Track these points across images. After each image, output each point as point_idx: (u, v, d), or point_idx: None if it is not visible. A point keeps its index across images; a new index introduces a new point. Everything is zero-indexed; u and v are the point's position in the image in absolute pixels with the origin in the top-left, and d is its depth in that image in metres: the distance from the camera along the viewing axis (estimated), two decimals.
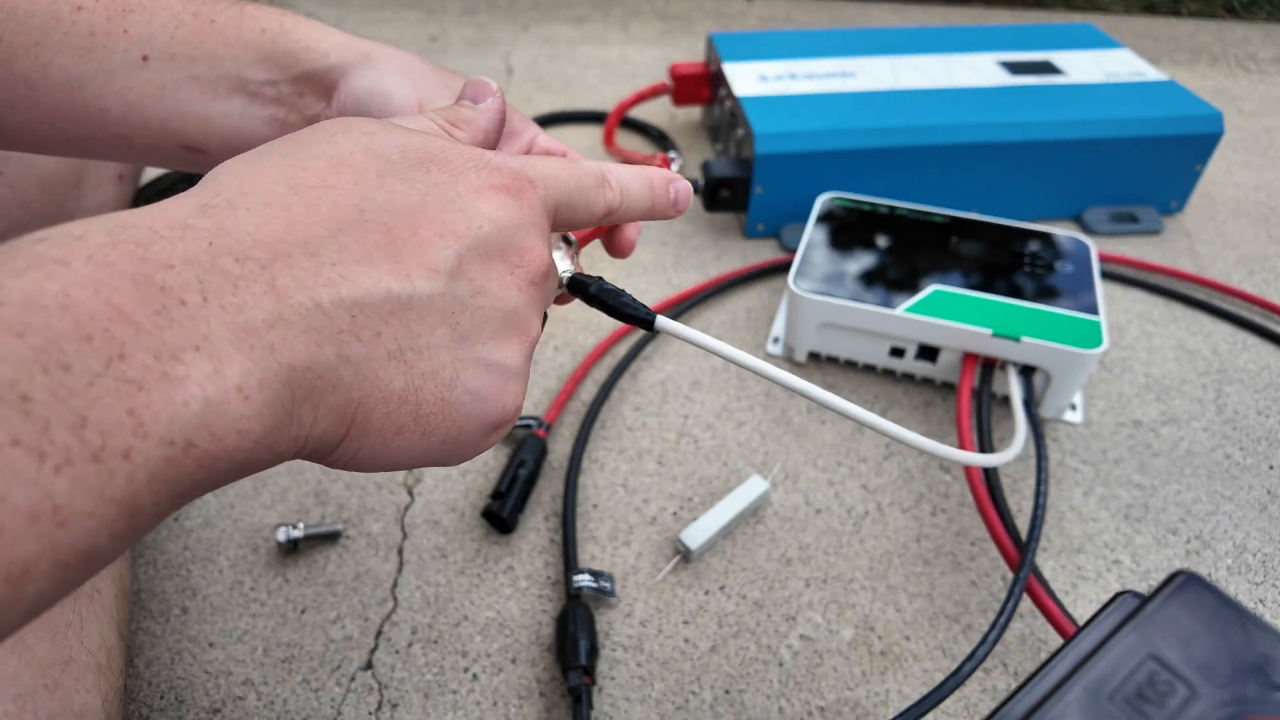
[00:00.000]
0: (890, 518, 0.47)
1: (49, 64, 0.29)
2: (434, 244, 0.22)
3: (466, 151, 0.24)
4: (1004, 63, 0.73)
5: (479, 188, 0.24)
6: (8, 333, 0.14)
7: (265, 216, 0.20)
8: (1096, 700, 0.23)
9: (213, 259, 0.18)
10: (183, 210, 0.19)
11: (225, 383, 0.17)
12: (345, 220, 0.21)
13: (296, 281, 0.19)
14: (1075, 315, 0.50)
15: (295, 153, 0.22)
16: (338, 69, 0.33)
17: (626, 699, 0.39)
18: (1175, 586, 0.25)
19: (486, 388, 0.24)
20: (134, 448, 0.15)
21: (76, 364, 0.15)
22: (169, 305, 0.17)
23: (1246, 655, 0.23)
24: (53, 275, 0.15)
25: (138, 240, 0.17)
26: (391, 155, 0.23)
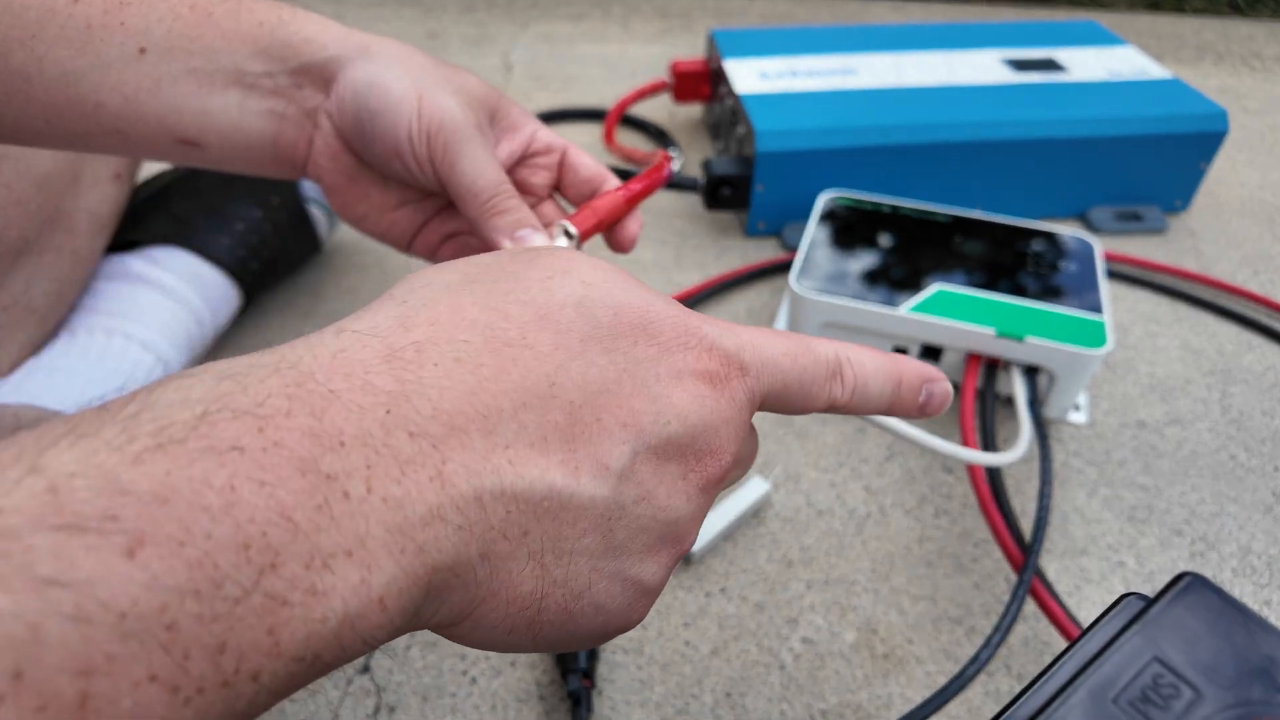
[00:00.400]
0: (893, 519, 0.47)
1: (44, 58, 0.29)
2: (614, 435, 0.20)
3: (684, 322, 0.22)
4: (1007, 60, 0.73)
5: (681, 372, 0.21)
6: (169, 544, 0.13)
7: (452, 378, 0.18)
8: (1101, 703, 0.22)
9: (386, 435, 0.17)
10: (367, 356, 0.18)
11: (369, 594, 0.16)
12: (533, 393, 0.19)
13: (465, 467, 0.17)
14: (1079, 315, 0.49)
15: (503, 290, 0.20)
16: (336, 61, 0.33)
17: (626, 702, 0.39)
18: (1180, 589, 0.25)
19: (615, 603, 0.22)
20: (264, 669, 0.14)
21: (229, 580, 0.14)
22: (331, 499, 0.15)
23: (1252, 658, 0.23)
24: (224, 463, 0.14)
25: (314, 409, 0.16)
26: (603, 318, 0.21)
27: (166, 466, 0.14)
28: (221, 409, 0.15)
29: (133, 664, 0.12)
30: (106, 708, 0.12)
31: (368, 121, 0.33)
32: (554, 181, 0.40)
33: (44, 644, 0.12)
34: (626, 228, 0.38)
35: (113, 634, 0.12)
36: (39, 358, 0.45)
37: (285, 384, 0.16)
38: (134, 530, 0.13)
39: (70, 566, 0.12)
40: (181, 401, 0.15)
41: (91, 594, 0.12)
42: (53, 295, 0.45)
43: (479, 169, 0.34)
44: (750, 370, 0.23)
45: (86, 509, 0.13)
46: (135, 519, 0.13)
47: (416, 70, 0.33)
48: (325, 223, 0.61)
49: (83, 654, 0.12)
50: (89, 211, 0.47)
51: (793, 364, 0.24)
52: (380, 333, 0.19)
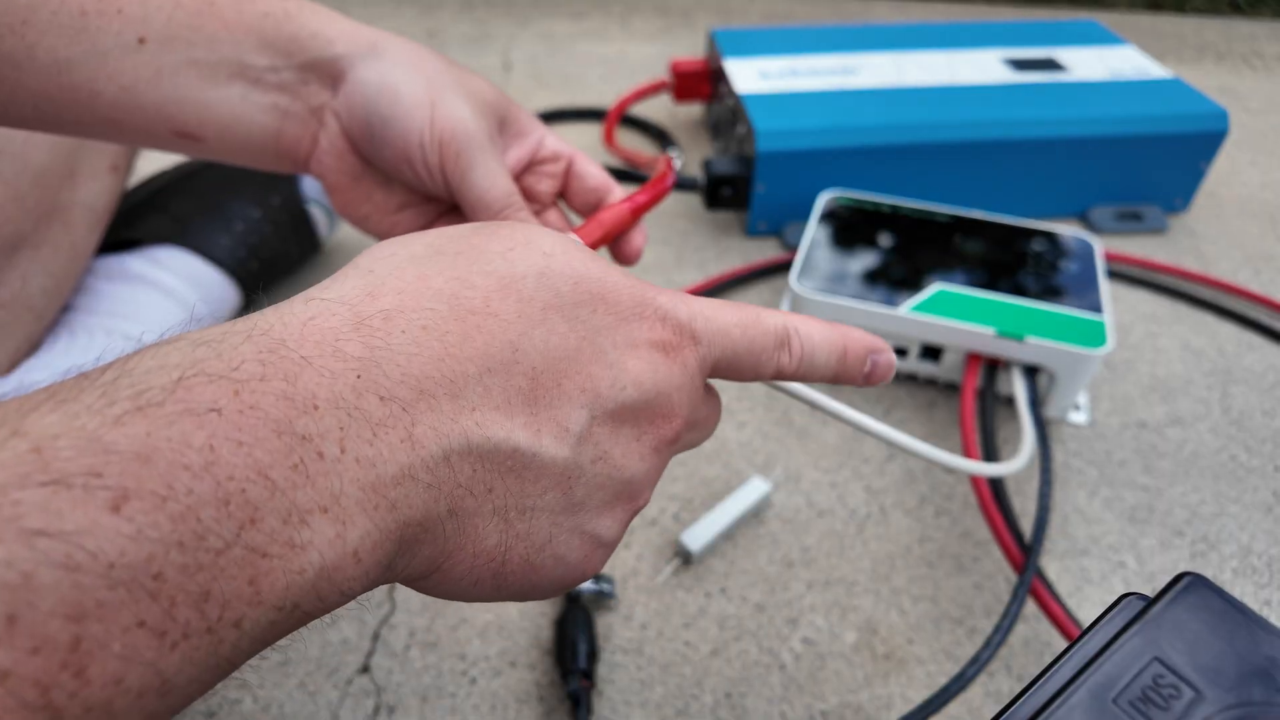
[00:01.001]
0: (893, 520, 0.47)
1: (36, 45, 0.28)
2: (573, 399, 0.21)
3: (639, 293, 0.23)
4: (1008, 59, 0.73)
5: (636, 341, 0.23)
6: (152, 499, 0.14)
7: (420, 344, 0.19)
8: (1101, 703, 0.22)
9: (357, 398, 0.17)
10: (336, 324, 0.18)
11: (344, 548, 0.16)
12: (497, 359, 0.20)
13: (433, 429, 0.18)
14: (1080, 315, 0.49)
15: (465, 261, 0.21)
16: (344, 59, 0.32)
17: (626, 703, 0.39)
18: (1181, 589, 0.24)
19: (574, 555, 0.23)
20: (246, 616, 0.15)
21: (211, 533, 0.14)
22: (306, 459, 0.16)
23: (1253, 658, 0.23)
24: (202, 424, 0.15)
25: (287, 374, 0.17)
26: (563, 288, 0.22)
27: (146, 427, 0.14)
28: (198, 373, 0.16)
29: (122, 610, 0.13)
30: (97, 650, 0.13)
31: (379, 126, 0.33)
32: (559, 189, 0.39)
33: (36, 590, 0.12)
34: (632, 240, 0.38)
35: (102, 582, 0.13)
36: (39, 357, 0.45)
37: (258, 350, 0.17)
38: (118, 486, 0.14)
39: (58, 519, 0.13)
40: (159, 367, 0.16)
41: (80, 544, 0.13)
42: (50, 290, 0.45)
43: (491, 180, 0.33)
44: (702, 339, 0.24)
45: (71, 466, 0.13)
46: (119, 475, 0.14)
47: (429, 73, 0.33)
48: (325, 223, 0.61)
49: (74, 600, 0.13)
50: (85, 205, 0.47)
51: (743, 334, 0.25)
52: (348, 300, 0.19)
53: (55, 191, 0.45)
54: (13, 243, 0.43)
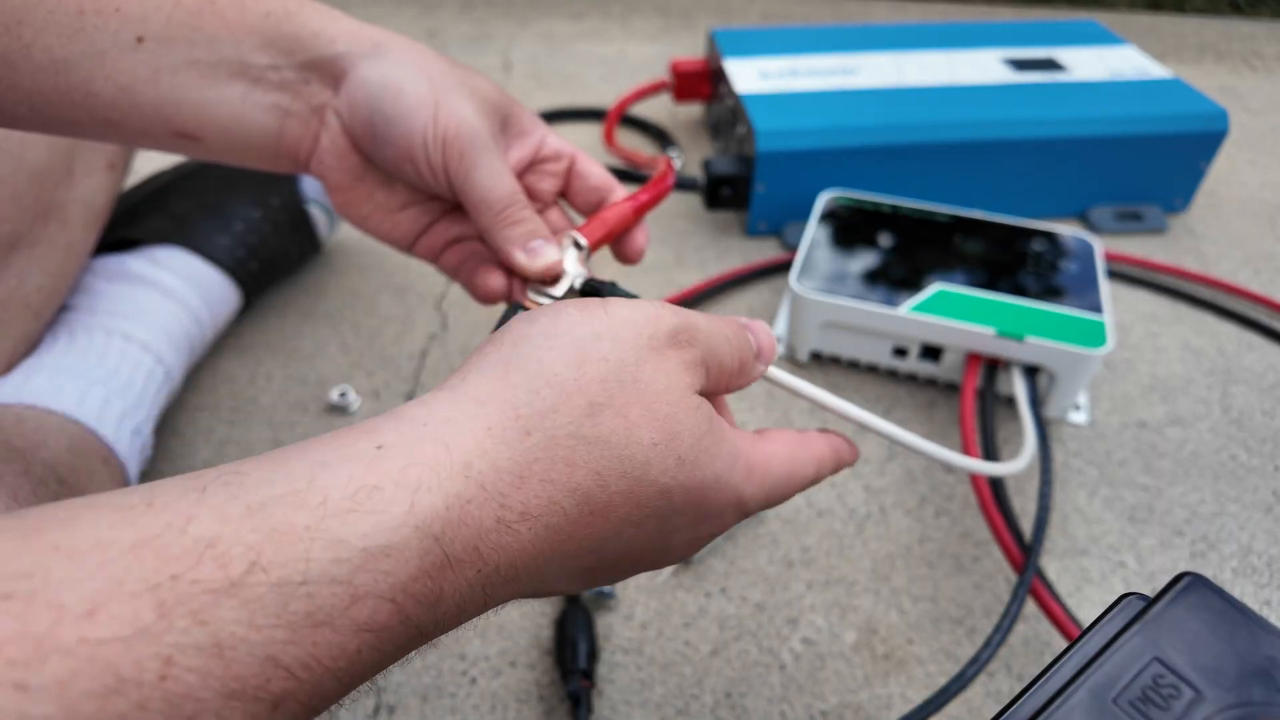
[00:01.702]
0: (893, 519, 0.47)
1: (32, 44, 0.27)
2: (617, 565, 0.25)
3: (731, 496, 0.26)
4: (1008, 59, 0.73)
5: (703, 536, 0.27)
6: (302, 709, 0.17)
7: (539, 541, 0.22)
8: (1101, 703, 0.22)
9: (469, 592, 0.21)
10: (483, 517, 0.21)
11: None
12: (584, 548, 0.23)
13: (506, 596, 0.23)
14: (1080, 315, 0.49)
15: (614, 450, 0.23)
16: (346, 58, 0.32)
17: (626, 702, 0.39)
18: (1181, 589, 0.24)
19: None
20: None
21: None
22: (412, 643, 0.20)
23: (1253, 658, 0.23)
24: (359, 637, 0.18)
25: (434, 580, 0.20)
26: (677, 502, 0.24)
27: (313, 640, 0.17)
28: (368, 594, 0.18)
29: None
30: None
31: (381, 125, 0.32)
32: (561, 188, 0.39)
33: None
34: (634, 239, 0.38)
35: None
36: (39, 358, 0.45)
37: (421, 551, 0.19)
38: (280, 692, 0.16)
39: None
40: (333, 578, 0.18)
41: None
42: (47, 288, 0.45)
43: (494, 179, 0.33)
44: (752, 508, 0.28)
45: (247, 674, 0.16)
46: (281, 685, 0.16)
47: (432, 72, 0.33)
48: (325, 223, 0.61)
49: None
50: (83, 203, 0.47)
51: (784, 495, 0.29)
52: (500, 487, 0.21)
53: (52, 189, 0.45)
54: (9, 241, 0.43)
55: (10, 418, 0.40)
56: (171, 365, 0.48)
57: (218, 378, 0.55)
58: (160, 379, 0.47)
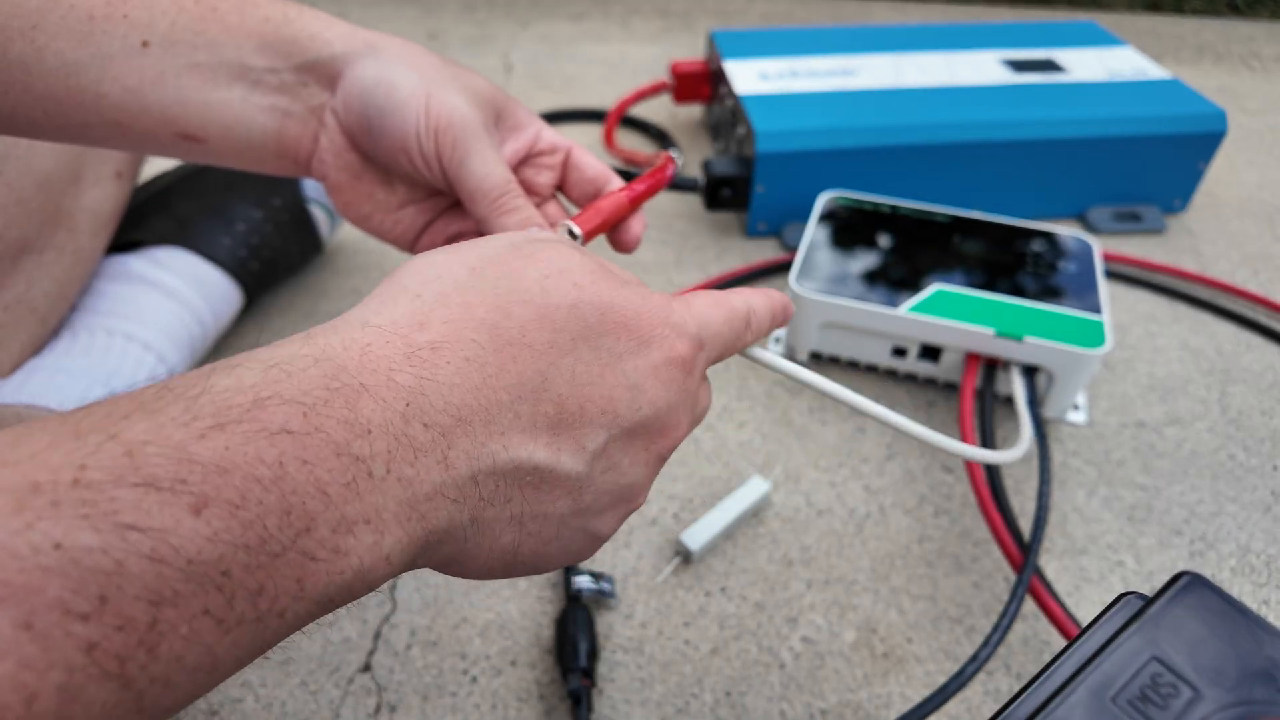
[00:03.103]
0: (892, 519, 0.47)
1: (45, 48, 0.29)
2: (594, 422, 0.23)
3: (658, 314, 0.25)
4: (1007, 60, 0.73)
5: (656, 362, 0.25)
6: (228, 506, 0.16)
7: (462, 375, 0.21)
8: (1100, 702, 0.22)
9: (405, 425, 0.19)
10: (390, 352, 0.20)
11: (379, 553, 0.19)
12: (528, 388, 0.22)
13: (465, 454, 0.21)
14: (1078, 315, 0.50)
15: (506, 285, 0.23)
16: (342, 59, 0.33)
17: (627, 701, 0.39)
18: (1179, 588, 0.25)
19: (575, 546, 0.25)
20: (290, 608, 0.17)
21: (272, 539, 0.16)
22: (358, 478, 0.18)
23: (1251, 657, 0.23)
24: (274, 444, 0.17)
25: (348, 400, 0.19)
26: (591, 319, 0.24)
27: (225, 442, 0.16)
28: (272, 396, 0.18)
29: (193, 600, 0.15)
30: (168, 632, 0.15)
31: (375, 119, 0.33)
32: (558, 181, 0.40)
33: (126, 576, 0.14)
34: (630, 228, 0.38)
35: (180, 574, 0.15)
36: (41, 358, 0.45)
37: (324, 375, 0.19)
38: (200, 492, 0.16)
39: (148, 516, 0.15)
40: (235, 388, 0.18)
41: (165, 540, 0.15)
42: (54, 294, 0.45)
43: (487, 168, 0.34)
44: (706, 344, 0.27)
45: (160, 471, 0.15)
46: (201, 483, 0.16)
47: (424, 68, 0.33)
48: (327, 223, 0.61)
49: (156, 588, 0.15)
50: (90, 210, 0.47)
51: (729, 328, 0.29)
52: (400, 329, 0.21)
53: (60, 197, 0.45)
54: (18, 246, 0.43)
55: (10, 417, 0.40)
56: (174, 365, 0.48)
57: None
58: (162, 379, 0.47)
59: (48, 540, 0.14)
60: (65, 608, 0.14)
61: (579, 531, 0.25)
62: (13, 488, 0.14)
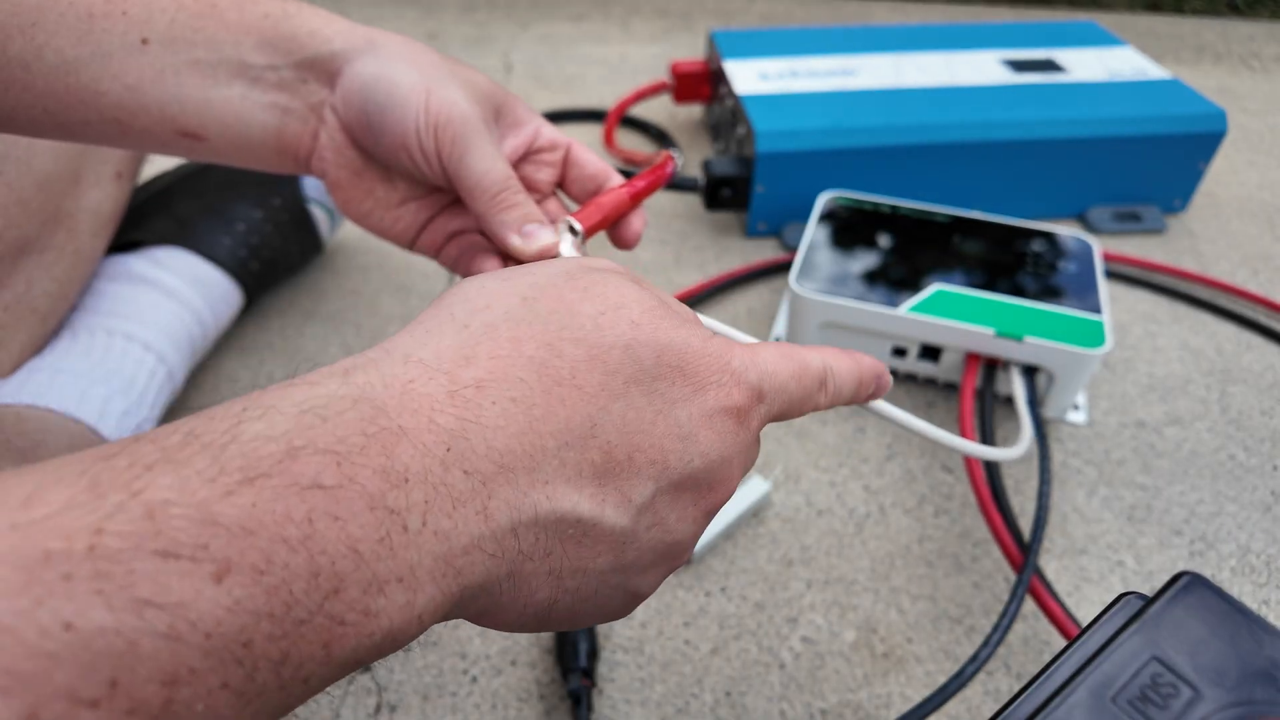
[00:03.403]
0: (892, 519, 0.47)
1: (44, 46, 0.28)
2: (642, 472, 0.22)
3: (717, 359, 0.24)
4: (1006, 60, 0.73)
5: (712, 411, 0.24)
6: (252, 572, 0.15)
7: (508, 418, 0.20)
8: (1100, 702, 0.22)
9: (444, 472, 0.18)
10: (433, 390, 0.19)
11: (411, 613, 0.17)
12: (576, 434, 0.21)
13: (507, 504, 0.19)
14: (1078, 315, 0.50)
15: (559, 321, 0.22)
16: (342, 55, 0.33)
17: (627, 701, 0.39)
18: (1179, 588, 0.25)
19: (615, 607, 0.24)
20: (314, 674, 0.16)
21: (299, 604, 0.15)
22: (393, 533, 0.17)
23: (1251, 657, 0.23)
24: (305, 499, 0.16)
25: (385, 446, 0.17)
26: (646, 362, 0.22)
27: (253, 499, 0.15)
28: (306, 445, 0.16)
29: (211, 675, 0.14)
30: (184, 711, 0.14)
31: (375, 115, 0.33)
32: (558, 178, 0.40)
33: (139, 657, 0.13)
34: (630, 225, 0.38)
35: (198, 650, 0.14)
36: (41, 358, 0.45)
37: (361, 418, 0.18)
38: (222, 559, 0.14)
39: (166, 590, 0.14)
40: (266, 436, 0.16)
41: (183, 615, 0.14)
42: (54, 295, 0.45)
43: (487, 164, 0.34)
44: (767, 397, 0.25)
45: (182, 537, 0.14)
46: (224, 548, 0.14)
47: (423, 64, 0.33)
48: (327, 223, 0.61)
49: (170, 667, 0.14)
50: (90, 211, 0.47)
51: (798, 385, 0.27)
52: (445, 365, 0.20)
53: (60, 197, 0.45)
54: (18, 247, 0.43)
55: (10, 417, 0.40)
56: (173, 365, 0.48)
57: (220, 378, 0.55)
58: (162, 379, 0.47)
59: (57, 621, 0.13)
60: (73, 696, 0.13)
61: (618, 590, 0.24)
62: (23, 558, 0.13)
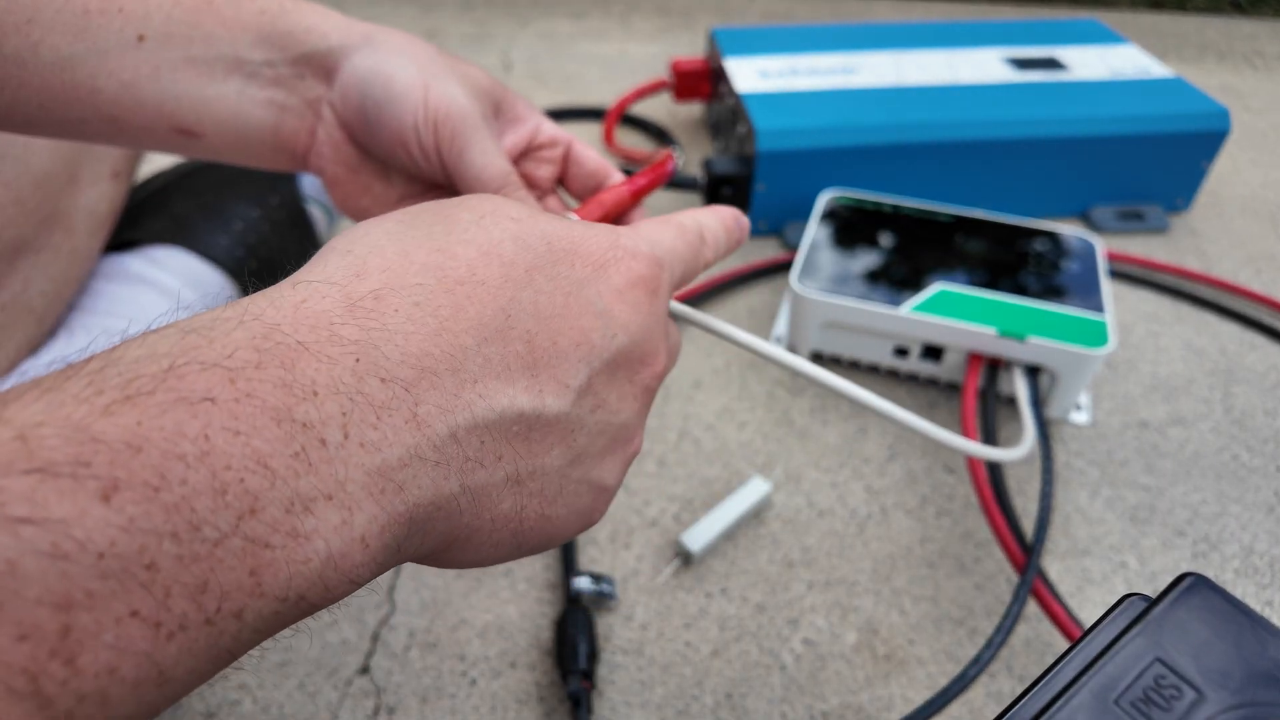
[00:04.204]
0: (894, 520, 0.47)
1: (40, 43, 0.28)
2: (570, 356, 0.21)
3: (604, 237, 0.24)
4: (1009, 59, 0.72)
5: (619, 286, 0.23)
6: (144, 489, 0.14)
7: (415, 321, 0.19)
8: (1103, 704, 0.22)
9: (358, 382, 0.17)
10: (329, 305, 0.18)
11: (351, 534, 0.16)
12: (491, 327, 0.20)
13: (438, 407, 0.18)
14: (1081, 314, 0.49)
15: (441, 232, 0.21)
16: (339, 51, 0.33)
17: (627, 703, 0.39)
18: (1183, 589, 0.24)
19: (584, 503, 0.24)
20: (247, 607, 0.15)
21: (207, 524, 0.14)
22: (308, 447, 0.16)
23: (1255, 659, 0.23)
24: (196, 414, 0.15)
25: (283, 360, 0.16)
26: (538, 247, 0.22)
27: (137, 417, 0.14)
28: (189, 361, 0.15)
29: (113, 600, 0.13)
30: (88, 640, 0.13)
31: (373, 111, 0.33)
32: (558, 175, 0.39)
33: (21, 577, 0.12)
34: (631, 221, 0.38)
35: (91, 572, 0.13)
36: (38, 357, 0.45)
37: (252, 336, 0.16)
38: (107, 476, 0.13)
39: (43, 507, 0.13)
40: (148, 356, 0.15)
41: (67, 533, 0.13)
42: (50, 294, 0.45)
43: (486, 159, 0.33)
44: (665, 264, 0.25)
45: (57, 455, 0.13)
46: (108, 465, 0.13)
47: (422, 59, 0.33)
48: (325, 222, 0.61)
49: (61, 589, 0.13)
50: (87, 210, 0.47)
51: (685, 245, 0.27)
52: (336, 281, 0.19)
53: (57, 196, 0.45)
54: (14, 246, 0.43)
55: None
56: None
57: None
58: None
59: None
60: None
61: (582, 484, 0.23)
62: None
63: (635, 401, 0.24)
